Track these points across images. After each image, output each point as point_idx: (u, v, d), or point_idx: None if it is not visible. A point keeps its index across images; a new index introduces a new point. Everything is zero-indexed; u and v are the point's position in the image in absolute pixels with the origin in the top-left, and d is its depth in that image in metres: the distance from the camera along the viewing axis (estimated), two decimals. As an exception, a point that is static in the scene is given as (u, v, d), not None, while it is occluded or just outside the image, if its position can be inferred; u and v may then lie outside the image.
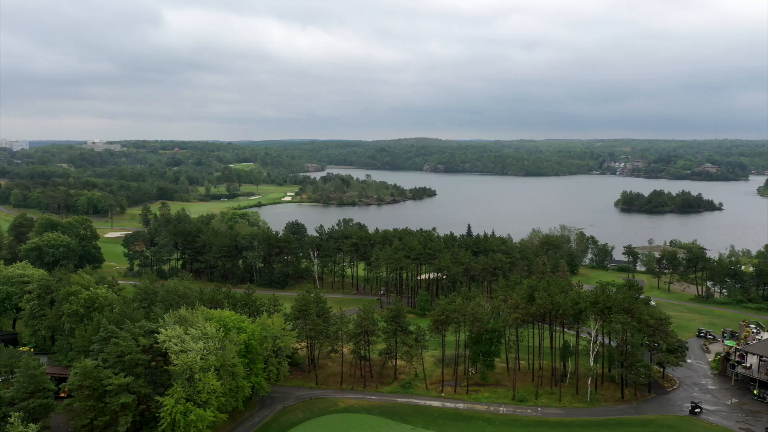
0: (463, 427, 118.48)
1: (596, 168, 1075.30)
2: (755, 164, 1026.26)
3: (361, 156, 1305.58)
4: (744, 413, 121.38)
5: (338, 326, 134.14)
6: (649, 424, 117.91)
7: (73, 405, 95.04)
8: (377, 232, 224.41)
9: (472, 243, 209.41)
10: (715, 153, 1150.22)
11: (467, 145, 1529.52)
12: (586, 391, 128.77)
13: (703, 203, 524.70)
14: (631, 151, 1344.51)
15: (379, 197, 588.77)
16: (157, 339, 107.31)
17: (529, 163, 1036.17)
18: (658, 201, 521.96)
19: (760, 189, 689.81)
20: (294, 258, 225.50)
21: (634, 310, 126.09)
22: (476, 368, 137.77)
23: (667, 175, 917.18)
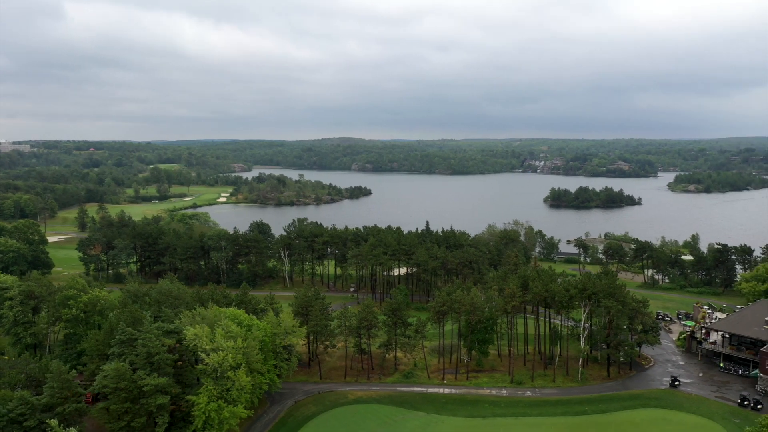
0: (471, 410, 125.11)
1: (518, 166, 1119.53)
2: (661, 162, 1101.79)
3: (288, 156, 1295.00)
4: (715, 384, 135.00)
5: (342, 321, 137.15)
6: (637, 398, 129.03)
7: (108, 408, 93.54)
8: (347, 230, 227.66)
9: (443, 238, 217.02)
10: (625, 152, 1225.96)
11: (393, 145, 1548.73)
12: (577, 372, 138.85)
13: (624, 198, 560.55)
14: (548, 150, 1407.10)
15: (317, 197, 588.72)
16: (180, 338, 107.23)
17: (455, 162, 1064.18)
18: (585, 197, 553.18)
19: (670, 184, 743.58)
20: (262, 257, 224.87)
21: (617, 295, 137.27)
22: (470, 356, 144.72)
23: (585, 172, 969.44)
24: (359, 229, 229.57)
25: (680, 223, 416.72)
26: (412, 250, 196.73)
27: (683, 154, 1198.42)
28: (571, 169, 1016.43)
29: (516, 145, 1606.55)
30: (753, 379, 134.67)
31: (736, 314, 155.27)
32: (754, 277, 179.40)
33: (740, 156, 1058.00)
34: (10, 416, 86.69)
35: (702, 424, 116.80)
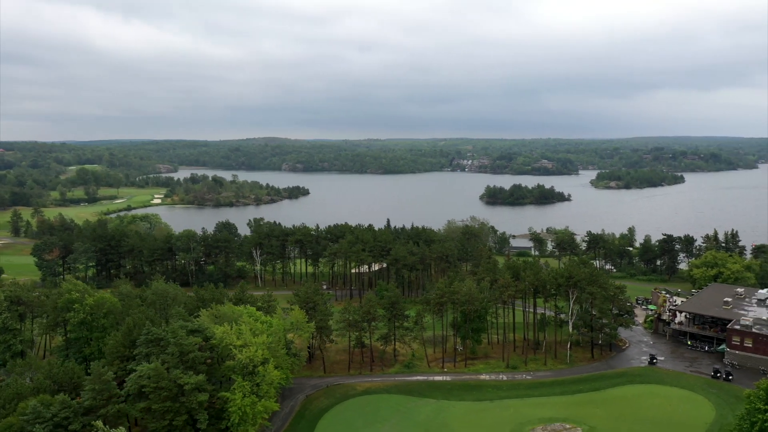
0: (477, 395, 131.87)
1: (447, 165, 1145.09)
2: (580, 160, 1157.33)
3: (214, 156, 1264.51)
4: (687, 360, 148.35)
5: (345, 315, 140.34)
6: (622, 375, 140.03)
7: (151, 407, 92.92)
8: (318, 229, 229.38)
9: (414, 234, 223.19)
10: (546, 150, 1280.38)
11: (322, 145, 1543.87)
12: (565, 355, 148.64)
13: (555, 195, 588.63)
14: (472, 150, 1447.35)
15: (257, 197, 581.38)
16: (207, 336, 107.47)
17: (386, 161, 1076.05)
18: (519, 194, 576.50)
19: (593, 181, 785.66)
20: (232, 257, 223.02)
21: (599, 282, 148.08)
22: (465, 344, 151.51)
23: (511, 171, 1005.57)
24: (331, 227, 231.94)
25: (612, 217, 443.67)
26: (388, 246, 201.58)
27: (599, 152, 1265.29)
28: (497, 167, 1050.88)
29: (442, 145, 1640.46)
30: (720, 353, 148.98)
31: (695, 297, 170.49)
32: (703, 263, 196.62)
33: (651, 154, 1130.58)
34: (54, 420, 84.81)
35: (685, 396, 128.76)
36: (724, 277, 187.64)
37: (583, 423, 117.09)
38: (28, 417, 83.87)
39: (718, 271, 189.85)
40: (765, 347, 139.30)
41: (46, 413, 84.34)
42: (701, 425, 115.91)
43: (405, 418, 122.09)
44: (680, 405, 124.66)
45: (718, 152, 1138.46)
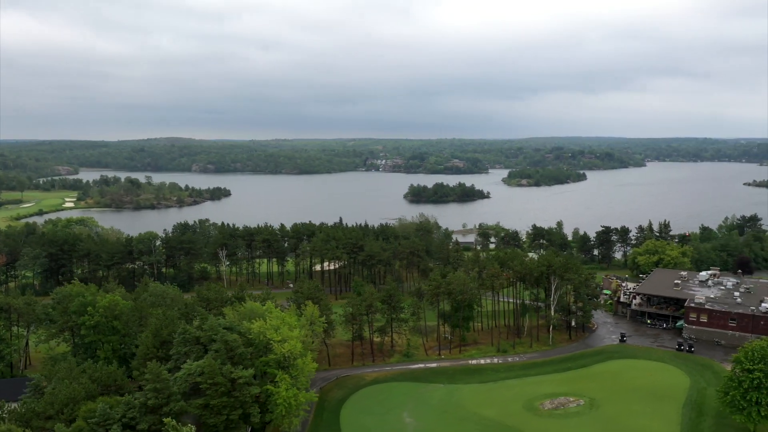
0: (479, 377, 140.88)
1: (361, 165, 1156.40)
2: (488, 160, 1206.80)
3: (117, 157, 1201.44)
4: (650, 337, 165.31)
5: (348, 309, 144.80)
6: (601, 353, 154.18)
7: (209, 403, 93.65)
8: (283, 228, 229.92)
9: (380, 232, 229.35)
10: (456, 150, 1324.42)
11: (232, 145, 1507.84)
12: (546, 338, 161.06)
13: (476, 193, 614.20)
14: (383, 149, 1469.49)
15: (179, 198, 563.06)
16: (239, 332, 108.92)
17: (302, 161, 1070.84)
18: (443, 192, 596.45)
19: (505, 180, 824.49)
20: (196, 259, 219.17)
21: (575, 269, 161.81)
22: (454, 332, 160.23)
23: (424, 170, 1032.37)
24: (296, 225, 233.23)
25: (535, 212, 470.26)
26: (360, 243, 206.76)
27: (504, 152, 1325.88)
28: (411, 167, 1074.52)
29: (351, 145, 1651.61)
30: (677, 329, 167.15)
31: (647, 281, 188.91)
32: (645, 251, 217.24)
33: (552, 153, 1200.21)
34: (123, 421, 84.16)
35: (660, 367, 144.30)
36: (665, 262, 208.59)
37: (582, 395, 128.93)
38: (97, 419, 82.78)
39: (659, 257, 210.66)
40: (718, 321, 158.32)
41: (115, 414, 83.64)
42: (681, 390, 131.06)
43: (420, 402, 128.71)
44: (658, 375, 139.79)
45: (611, 152, 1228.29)
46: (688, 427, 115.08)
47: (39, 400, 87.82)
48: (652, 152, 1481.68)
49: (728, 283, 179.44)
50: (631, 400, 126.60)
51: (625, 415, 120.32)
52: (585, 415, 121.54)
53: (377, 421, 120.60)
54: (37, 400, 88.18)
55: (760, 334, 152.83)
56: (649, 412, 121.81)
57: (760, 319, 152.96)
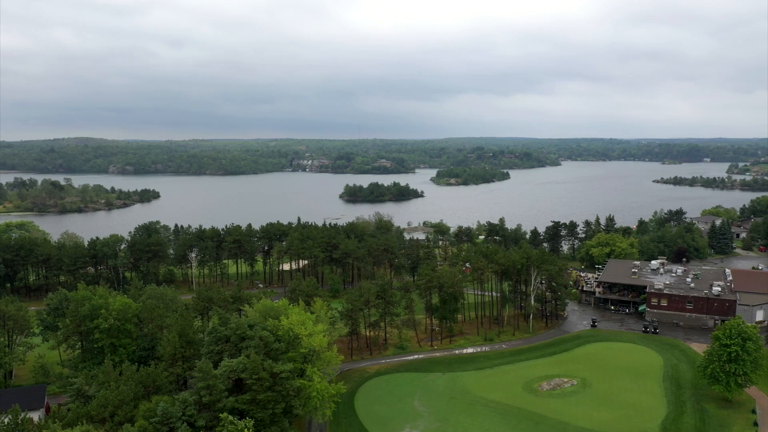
0: (475, 365, 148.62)
1: (288, 166, 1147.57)
2: (412, 159, 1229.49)
3: (24, 158, 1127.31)
4: (617, 321, 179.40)
5: (347, 305, 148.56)
6: (578, 337, 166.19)
7: (256, 398, 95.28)
8: (250, 229, 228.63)
9: (349, 230, 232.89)
10: (382, 150, 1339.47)
11: (149, 145, 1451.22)
12: (527, 326, 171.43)
13: (411, 192, 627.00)
14: (307, 149, 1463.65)
15: (107, 201, 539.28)
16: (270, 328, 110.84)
17: (226, 162, 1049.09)
18: (379, 191, 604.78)
19: (434, 179, 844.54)
20: (163, 261, 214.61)
21: (551, 261, 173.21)
22: (442, 324, 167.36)
23: (352, 170, 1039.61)
24: (266, 226, 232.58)
25: (471, 210, 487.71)
26: (334, 241, 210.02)
27: (428, 152, 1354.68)
28: (338, 167, 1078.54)
29: (273, 145, 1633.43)
30: (639, 313, 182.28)
31: (606, 271, 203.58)
32: (598, 243, 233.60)
33: (474, 153, 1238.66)
34: (183, 419, 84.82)
35: (633, 348, 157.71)
36: (616, 253, 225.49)
37: (574, 376, 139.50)
38: (159, 418, 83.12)
39: (611, 249, 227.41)
40: (676, 305, 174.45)
41: (177, 412, 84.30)
42: (657, 367, 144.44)
43: (428, 390, 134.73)
44: (634, 355, 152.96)
45: (529, 151, 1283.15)
46: (671, 399, 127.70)
47: (88, 404, 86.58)
48: (565, 152, 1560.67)
49: (678, 271, 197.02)
50: (617, 378, 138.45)
51: (616, 392, 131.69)
52: (580, 393, 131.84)
53: (391, 410, 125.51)
54: (84, 404, 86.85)
55: (714, 315, 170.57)
56: (635, 387, 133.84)
57: (714, 301, 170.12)
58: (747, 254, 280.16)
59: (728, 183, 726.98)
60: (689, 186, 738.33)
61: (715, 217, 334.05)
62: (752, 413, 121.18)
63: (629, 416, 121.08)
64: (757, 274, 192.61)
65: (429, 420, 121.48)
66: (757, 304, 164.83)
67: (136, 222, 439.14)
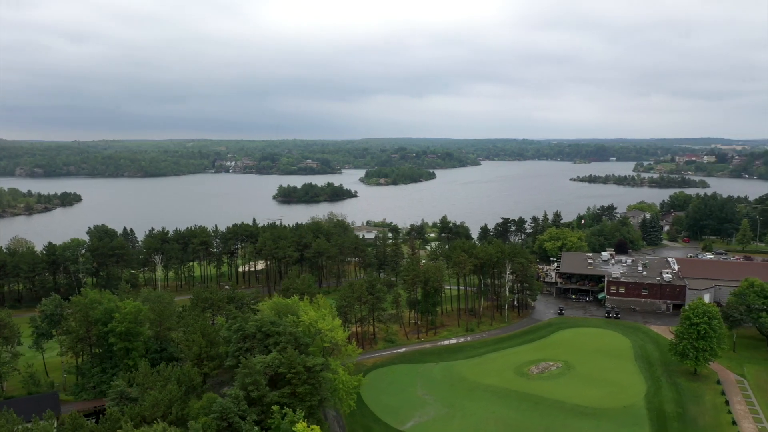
0: (463, 354, 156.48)
1: (210, 167, 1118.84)
2: (336, 160, 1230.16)
3: None
4: (580, 309, 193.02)
5: (341, 302, 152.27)
6: (550, 325, 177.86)
7: (295, 392, 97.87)
8: (216, 231, 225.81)
9: (315, 229, 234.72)
10: (305, 151, 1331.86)
11: (58, 146, 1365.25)
12: (501, 317, 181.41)
13: (344, 192, 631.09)
14: (227, 150, 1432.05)
15: (27, 205, 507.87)
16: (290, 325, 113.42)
17: (146, 163, 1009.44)
18: (313, 192, 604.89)
19: (363, 179, 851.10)
20: (126, 265, 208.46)
21: (521, 255, 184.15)
22: (425, 317, 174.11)
23: (278, 171, 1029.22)
24: (231, 227, 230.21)
25: (408, 208, 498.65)
26: (304, 241, 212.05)
27: (352, 152, 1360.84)
28: (263, 168, 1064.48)
29: (190, 146, 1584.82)
30: (599, 301, 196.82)
31: (563, 263, 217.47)
32: (550, 237, 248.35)
33: (398, 154, 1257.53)
34: (238, 414, 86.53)
35: (601, 332, 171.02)
36: (568, 247, 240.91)
37: (557, 359, 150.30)
38: (218, 414, 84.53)
39: (563, 242, 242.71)
40: (633, 292, 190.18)
41: (234, 408, 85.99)
42: (627, 349, 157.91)
43: (426, 379, 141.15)
44: (604, 338, 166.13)
45: (451, 151, 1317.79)
46: (647, 376, 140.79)
47: (137, 405, 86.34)
48: (482, 152, 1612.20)
49: (627, 261, 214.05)
50: (595, 360, 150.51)
51: (597, 372, 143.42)
52: (566, 375, 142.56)
53: (398, 399, 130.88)
54: (132, 406, 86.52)
55: (666, 299, 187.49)
56: (613, 367, 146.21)
57: (666, 287, 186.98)
58: (674, 245, 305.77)
59: (638, 181, 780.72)
60: (603, 184, 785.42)
61: (640, 211, 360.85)
62: (717, 384, 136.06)
63: (615, 393, 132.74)
64: (700, 262, 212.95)
65: (436, 407, 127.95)
66: (704, 288, 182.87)
67: (62, 226, 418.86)
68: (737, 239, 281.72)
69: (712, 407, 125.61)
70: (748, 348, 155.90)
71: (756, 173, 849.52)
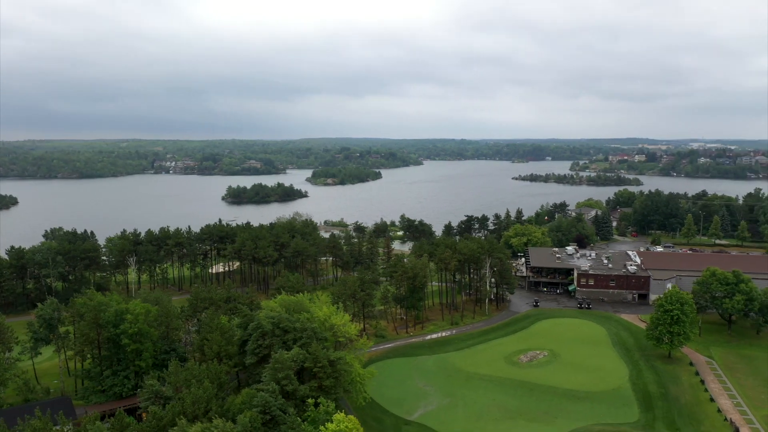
0: (453, 346, 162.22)
1: (149, 168, 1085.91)
2: (279, 160, 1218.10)
3: None
4: (553, 301, 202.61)
5: (336, 299, 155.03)
6: (528, 316, 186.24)
7: (321, 384, 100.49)
8: (190, 232, 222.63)
9: (289, 228, 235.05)
10: (247, 151, 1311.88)
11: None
12: (482, 310, 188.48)
13: (295, 192, 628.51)
14: (164, 150, 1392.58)
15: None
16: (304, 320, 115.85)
17: (81, 164, 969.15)
18: (264, 192, 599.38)
19: (310, 179, 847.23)
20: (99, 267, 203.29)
21: (499, 251, 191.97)
22: (410, 313, 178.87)
23: (220, 171, 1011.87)
24: (203, 228, 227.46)
25: (361, 208, 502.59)
26: (281, 241, 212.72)
27: (294, 152, 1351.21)
28: (205, 168, 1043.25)
29: (124, 146, 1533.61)
30: (569, 293, 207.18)
31: (533, 258, 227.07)
32: (516, 234, 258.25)
33: (342, 154, 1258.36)
34: (277, 406, 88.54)
35: (577, 322, 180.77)
36: (533, 242, 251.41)
37: (543, 348, 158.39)
38: (260, 408, 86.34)
39: (528, 238, 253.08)
40: (602, 283, 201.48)
41: (274, 401, 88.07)
42: (604, 336, 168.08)
43: (422, 370, 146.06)
44: (581, 328, 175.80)
45: (394, 151, 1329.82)
46: (627, 361, 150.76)
47: (177, 403, 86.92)
48: (424, 152, 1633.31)
49: (591, 254, 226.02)
50: (577, 348, 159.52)
51: (581, 359, 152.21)
52: (553, 362, 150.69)
53: (400, 391, 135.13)
54: (174, 403, 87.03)
55: (632, 290, 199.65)
56: (595, 354, 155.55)
57: (632, 278, 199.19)
58: (623, 239, 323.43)
59: (576, 179, 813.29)
60: (544, 182, 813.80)
61: (589, 208, 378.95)
62: (690, 365, 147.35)
63: (601, 377, 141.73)
64: (660, 255, 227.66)
65: (438, 396, 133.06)
66: (666, 279, 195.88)
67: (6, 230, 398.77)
68: (682, 233, 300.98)
69: (689, 387, 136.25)
70: (712, 332, 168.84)
71: (683, 171, 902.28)
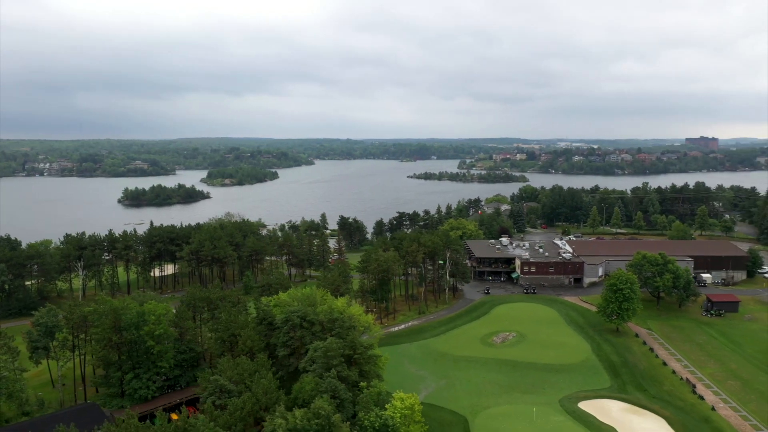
0: (428, 333, 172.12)
1: (20, 170, 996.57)
2: (165, 161, 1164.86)
3: None
4: (500, 288, 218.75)
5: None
6: (484, 303, 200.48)
7: (362, 370, 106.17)
8: (137, 234, 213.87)
9: (241, 228, 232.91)
10: (128, 151, 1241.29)
11: None
12: (444, 299, 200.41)
13: (197, 193, 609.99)
14: (32, 151, 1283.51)
15: None
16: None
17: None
18: (165, 194, 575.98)
19: (207, 180, 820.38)
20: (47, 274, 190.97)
21: (456, 244, 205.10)
22: (376, 305, 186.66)
23: (103, 172, 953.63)
24: (151, 229, 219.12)
25: (271, 208, 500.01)
26: (235, 240, 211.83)
27: (181, 152, 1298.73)
28: (86, 170, 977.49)
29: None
30: (513, 280, 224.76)
31: (474, 250, 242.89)
32: (451, 228, 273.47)
33: (232, 154, 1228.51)
34: (342, 389, 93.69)
35: (530, 306, 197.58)
36: (467, 235, 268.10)
37: (510, 330, 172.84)
38: (330, 392, 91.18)
39: (462, 231, 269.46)
40: (542, 270, 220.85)
41: (340, 386, 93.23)
42: (557, 316, 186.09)
43: (409, 357, 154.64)
44: (536, 311, 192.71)
45: (286, 151, 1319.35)
46: (584, 336, 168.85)
47: (249, 394, 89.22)
48: (312, 151, 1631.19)
49: (525, 244, 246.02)
50: (539, 328, 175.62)
51: (545, 337, 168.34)
52: (524, 342, 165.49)
53: (396, 377, 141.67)
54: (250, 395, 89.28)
55: (569, 274, 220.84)
56: (556, 332, 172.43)
57: (568, 264, 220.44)
58: (535, 231, 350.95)
59: (468, 177, 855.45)
60: (438, 180, 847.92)
61: (498, 203, 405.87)
62: (636, 337, 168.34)
63: (569, 352, 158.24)
64: (588, 243, 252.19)
65: (434, 379, 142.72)
66: (598, 264, 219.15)
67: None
68: (588, 224, 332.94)
69: (642, 355, 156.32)
70: (645, 308, 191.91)
71: (560, 169, 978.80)
